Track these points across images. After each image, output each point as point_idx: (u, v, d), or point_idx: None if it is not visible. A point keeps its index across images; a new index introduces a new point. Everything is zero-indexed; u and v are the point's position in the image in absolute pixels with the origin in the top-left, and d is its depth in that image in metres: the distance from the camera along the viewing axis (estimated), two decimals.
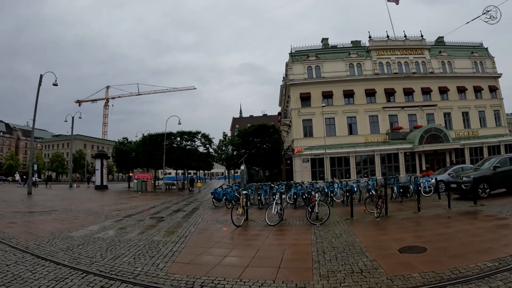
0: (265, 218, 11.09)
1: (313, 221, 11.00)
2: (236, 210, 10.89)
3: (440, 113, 39.08)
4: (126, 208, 17.74)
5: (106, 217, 13.84)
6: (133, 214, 15.03)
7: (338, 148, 34.41)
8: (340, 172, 34.41)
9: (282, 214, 11.29)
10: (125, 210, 16.52)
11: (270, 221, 10.96)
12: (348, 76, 38.31)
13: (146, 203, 20.81)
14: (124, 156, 40.97)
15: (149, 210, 16.75)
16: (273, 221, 11.01)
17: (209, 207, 17.84)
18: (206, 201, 22.09)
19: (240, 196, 18.10)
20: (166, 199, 24.13)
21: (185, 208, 17.33)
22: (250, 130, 35.05)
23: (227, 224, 11.33)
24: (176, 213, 15.11)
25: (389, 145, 35.29)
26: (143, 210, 16.77)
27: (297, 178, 32.10)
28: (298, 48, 40.39)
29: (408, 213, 12.86)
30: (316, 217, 11.30)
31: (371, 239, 8.58)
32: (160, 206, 18.76)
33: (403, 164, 34.87)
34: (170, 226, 11.34)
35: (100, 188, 37.42)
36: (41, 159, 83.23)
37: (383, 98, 38.26)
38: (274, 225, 10.77)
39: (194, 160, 38.44)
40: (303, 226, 10.89)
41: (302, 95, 36.82)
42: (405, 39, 41.36)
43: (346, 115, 36.99)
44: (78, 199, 24.52)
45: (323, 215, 11.34)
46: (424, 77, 39.62)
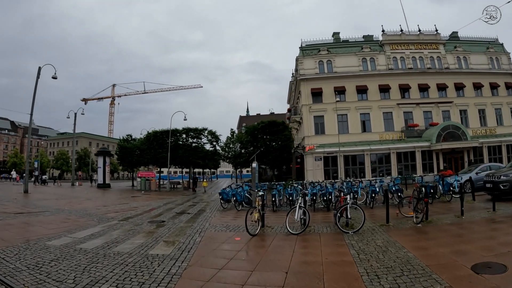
0: (285, 224, 9.03)
1: (343, 228, 9.00)
2: (251, 215, 8.80)
3: (456, 110, 36.82)
4: (125, 209, 15.78)
5: (100, 220, 11.92)
6: (131, 216, 13.07)
7: (352, 146, 32.27)
8: (354, 171, 32.31)
9: (308, 221, 9.20)
10: (123, 212, 14.56)
11: (292, 228, 8.93)
12: (361, 71, 36.15)
13: (148, 203, 18.87)
14: (128, 153, 39.04)
15: (149, 211, 14.78)
16: (296, 229, 8.97)
17: (216, 208, 15.83)
18: (213, 201, 20.10)
19: (252, 197, 16.47)
20: (170, 199, 22.17)
21: (190, 210, 15.33)
22: (259, 126, 32.95)
23: (239, 232, 9.32)
24: (180, 216, 13.11)
25: (405, 143, 33.10)
26: (143, 211, 14.81)
27: (308, 177, 30.02)
28: (309, 42, 38.31)
29: (450, 217, 11.00)
30: (346, 223, 9.29)
31: (427, 253, 6.62)
32: (162, 207, 16.78)
33: (420, 163, 32.66)
34: (171, 233, 9.33)
35: (102, 187, 35.57)
36: (46, 157, 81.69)
37: (397, 94, 36.08)
38: (298, 233, 8.73)
39: (200, 158, 36.47)
40: (332, 234, 8.86)
41: (313, 91, 34.72)
42: (419, 34, 39.12)
43: (359, 112, 34.82)
44: (77, 198, 22.64)
45: (356, 221, 9.34)
46: (439, 72, 37.35)
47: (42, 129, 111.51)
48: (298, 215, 8.93)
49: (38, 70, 27.81)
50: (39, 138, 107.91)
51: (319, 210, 14.34)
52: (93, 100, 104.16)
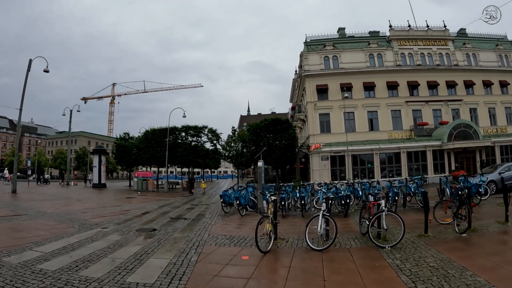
0: (305, 238, 7.11)
1: (376, 240, 7.12)
2: (261, 225, 6.86)
3: (466, 108, 34.91)
4: (114, 212, 13.85)
5: (81, 227, 10.04)
6: (119, 222, 11.18)
7: (360, 145, 30.30)
8: (363, 172, 30.39)
9: (335, 233, 7.14)
10: (111, 216, 12.65)
11: (313, 242, 7.03)
12: (368, 67, 34.21)
13: (142, 205, 16.95)
14: (125, 152, 37.01)
15: (142, 216, 12.86)
16: (318, 243, 7.08)
17: (217, 213, 13.88)
18: (213, 204, 18.19)
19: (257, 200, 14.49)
20: (167, 200, 20.23)
21: (187, 215, 13.39)
22: (262, 124, 30.87)
23: (246, 247, 7.40)
24: (175, 223, 11.19)
25: (416, 142, 31.18)
26: (134, 216, 12.90)
27: (314, 178, 28.07)
28: (313, 37, 36.40)
29: (492, 223, 9.24)
30: (378, 235, 7.41)
31: (500, 276, 4.99)
32: (157, 210, 14.85)
33: (431, 163, 30.72)
34: (161, 248, 7.38)
35: (98, 187, 33.60)
36: (44, 156, 79.69)
37: (406, 91, 34.16)
38: (322, 250, 6.81)
39: (200, 157, 34.51)
40: (365, 250, 6.96)
41: (318, 87, 32.76)
42: (428, 29, 37.23)
43: (366, 110, 32.85)
44: (66, 199, 20.68)
45: (390, 232, 7.47)
46: (449, 69, 35.46)
47: (41, 128, 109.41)
48: (321, 226, 7.00)
49: (29, 63, 26.01)
50: (38, 137, 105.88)
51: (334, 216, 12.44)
52: (93, 99, 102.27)
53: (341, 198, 12.19)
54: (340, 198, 12.25)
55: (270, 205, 7.40)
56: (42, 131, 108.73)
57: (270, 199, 7.54)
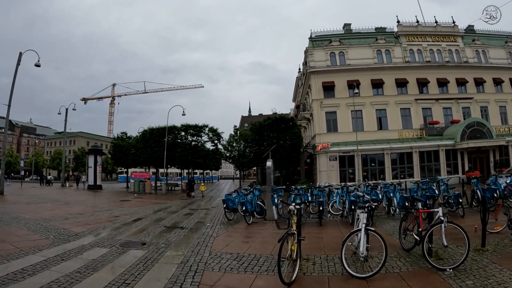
0: (342, 261, 5.20)
1: (431, 260, 5.27)
2: (286, 244, 4.94)
3: (476, 106, 33.08)
4: (101, 219, 11.96)
5: (56, 239, 8.25)
6: (104, 232, 9.34)
7: (370, 144, 28.39)
8: (373, 173, 28.48)
9: (385, 254, 5.13)
10: (97, 224, 10.78)
11: (351, 265, 5.17)
12: (376, 64, 32.38)
13: (136, 210, 15.06)
14: (122, 152, 34.95)
15: (132, 224, 11.00)
16: (358, 267, 5.21)
17: (219, 221, 11.99)
18: (214, 208, 16.30)
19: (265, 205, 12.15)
20: (164, 204, 18.34)
21: (184, 223, 11.48)
22: (266, 123, 28.82)
23: (261, 273, 5.48)
24: (169, 233, 9.31)
25: (428, 141, 29.30)
26: (123, 223, 11.05)
27: (321, 179, 26.19)
28: (318, 33, 34.55)
29: None
30: (429, 251, 5.56)
31: None
32: (150, 217, 12.95)
33: (444, 163, 28.82)
34: (147, 275, 5.48)
35: (93, 188, 31.70)
36: (41, 156, 77.70)
37: (415, 89, 32.31)
38: (367, 277, 4.93)
39: (200, 157, 32.49)
40: (421, 275, 5.10)
41: (324, 84, 30.87)
42: (436, 25, 35.45)
43: (374, 108, 30.96)
44: (54, 202, 18.79)
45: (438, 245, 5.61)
46: (459, 66, 33.62)
47: (40, 128, 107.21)
48: (363, 245, 5.12)
49: (19, 56, 24.29)
50: (37, 138, 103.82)
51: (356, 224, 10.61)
52: (92, 99, 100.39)
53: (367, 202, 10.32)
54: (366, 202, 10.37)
55: (294, 216, 5.47)
56: (41, 131, 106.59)
57: (294, 207, 5.58)
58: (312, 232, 9.22)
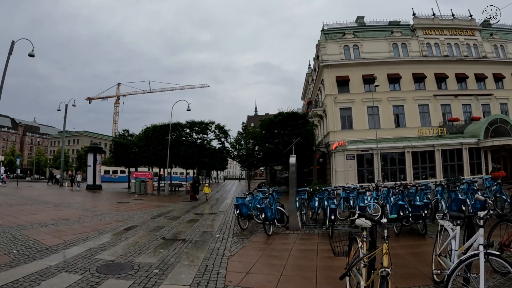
0: None
1: None
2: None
3: (496, 103, 30.70)
4: (87, 227, 9.65)
5: (18, 256, 6.05)
6: (80, 247, 7.03)
7: (389, 142, 26.00)
8: (393, 172, 26.04)
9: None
10: (79, 234, 8.50)
11: None
12: (392, 58, 30.03)
13: (131, 215, 12.74)
14: (123, 151, 32.66)
15: (122, 234, 8.70)
16: None
17: (231, 230, 9.68)
18: (222, 212, 14.05)
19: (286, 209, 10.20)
20: (165, 208, 16.03)
21: (186, 233, 9.17)
22: (277, 120, 26.38)
23: None
24: (166, 250, 7.02)
25: (450, 139, 26.89)
26: (113, 233, 8.80)
27: (338, 180, 23.90)
28: (331, 25, 32.22)
29: None
30: None
31: None
32: (147, 224, 10.63)
33: (467, 163, 26.37)
34: None
35: (92, 189, 29.44)
36: (43, 156, 75.55)
37: (433, 84, 29.94)
38: None
39: (206, 156, 30.12)
40: None
41: (338, 79, 28.49)
42: (453, 18, 33.10)
43: (391, 104, 28.58)
44: (42, 204, 16.44)
45: None
46: (477, 61, 31.27)
47: (44, 127, 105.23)
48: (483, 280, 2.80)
49: (11, 45, 21.93)
50: (40, 137, 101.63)
51: (406, 234, 8.25)
52: (97, 99, 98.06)
53: (419, 209, 8.01)
54: (418, 209, 8.03)
55: (364, 242, 3.19)
56: (45, 130, 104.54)
57: (366, 223, 3.27)
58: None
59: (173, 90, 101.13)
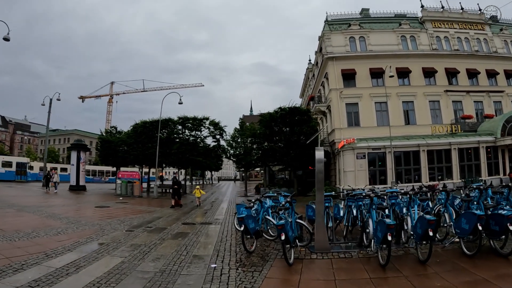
0: None
1: None
2: None
3: (508, 100, 28.43)
4: (32, 246, 6.83)
5: None
6: None
7: (403, 140, 23.34)
8: (407, 173, 23.37)
9: None
10: (18, 257, 5.66)
11: None
12: (401, 51, 27.51)
13: (105, 225, 9.89)
14: (111, 149, 29.61)
15: (73, 263, 5.87)
16: None
17: (233, 255, 6.84)
18: (218, 222, 11.24)
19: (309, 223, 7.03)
20: (151, 214, 13.18)
21: (168, 259, 6.40)
22: (278, 115, 23.59)
23: None
24: None
25: (466, 137, 24.37)
26: (59, 260, 5.94)
27: (347, 182, 21.22)
28: (335, 16, 29.62)
29: None
30: None
31: None
32: (118, 241, 7.82)
33: (485, 162, 23.83)
34: None
35: (75, 189, 26.44)
36: (33, 154, 72.02)
37: (444, 79, 27.49)
38: None
39: (200, 154, 27.21)
40: None
41: (344, 72, 25.84)
42: (462, 12, 30.74)
43: (401, 99, 26.03)
44: (4, 207, 13.48)
45: None
46: (489, 56, 29.02)
47: (35, 126, 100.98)
48: None
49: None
50: (31, 135, 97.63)
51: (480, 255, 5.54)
52: (90, 98, 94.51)
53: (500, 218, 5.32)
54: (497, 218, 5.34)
55: None
56: (36, 129, 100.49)
57: None
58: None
59: (168, 89, 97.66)
